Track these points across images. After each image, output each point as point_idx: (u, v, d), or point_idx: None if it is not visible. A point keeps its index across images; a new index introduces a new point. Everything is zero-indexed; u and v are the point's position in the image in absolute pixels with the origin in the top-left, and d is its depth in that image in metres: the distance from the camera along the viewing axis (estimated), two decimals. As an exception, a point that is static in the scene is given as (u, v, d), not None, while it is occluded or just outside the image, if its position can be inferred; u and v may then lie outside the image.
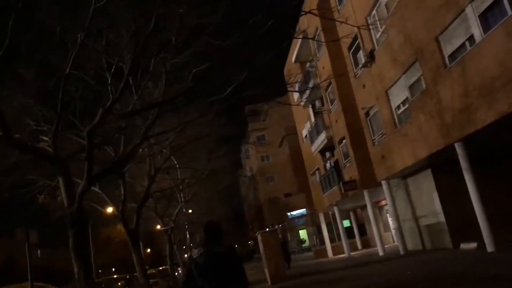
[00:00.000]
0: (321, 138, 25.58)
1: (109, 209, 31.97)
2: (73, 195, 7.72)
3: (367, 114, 19.46)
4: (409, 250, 18.62)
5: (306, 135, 31.80)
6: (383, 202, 29.85)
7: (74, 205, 7.86)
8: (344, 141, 23.39)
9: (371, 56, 17.43)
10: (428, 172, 16.78)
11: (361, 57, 18.02)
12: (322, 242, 44.52)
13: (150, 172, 14.37)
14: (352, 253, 27.25)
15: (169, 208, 21.07)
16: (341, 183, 22.10)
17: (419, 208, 18.33)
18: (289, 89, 34.00)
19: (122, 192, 12.97)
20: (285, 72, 34.65)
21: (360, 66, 18.56)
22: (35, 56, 9.53)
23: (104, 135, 9.60)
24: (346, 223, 38.97)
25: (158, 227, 22.35)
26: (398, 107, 16.45)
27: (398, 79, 15.75)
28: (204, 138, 17.32)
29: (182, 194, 21.23)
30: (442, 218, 16.34)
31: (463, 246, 14.83)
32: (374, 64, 17.49)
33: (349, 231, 35.51)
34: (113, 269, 63.44)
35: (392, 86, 16.38)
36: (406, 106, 15.64)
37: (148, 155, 14.05)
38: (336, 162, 25.47)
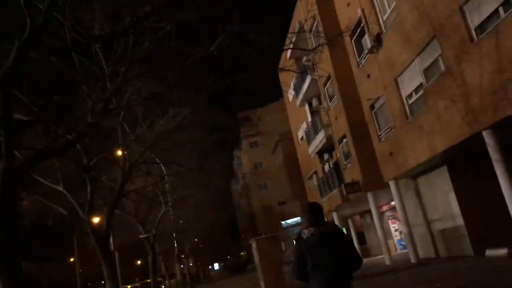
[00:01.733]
0: (320, 138, 23.65)
1: (96, 219, 30.04)
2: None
3: (372, 107, 17.56)
4: (421, 258, 16.62)
5: (302, 137, 29.86)
6: (385, 208, 27.97)
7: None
8: (345, 139, 21.47)
9: (377, 40, 15.59)
10: (443, 169, 14.88)
11: (366, 42, 16.17)
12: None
13: (124, 167, 12.20)
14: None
15: (151, 213, 18.85)
16: (342, 185, 20.12)
17: (432, 211, 16.38)
18: (284, 88, 32.31)
19: (89, 191, 10.82)
20: (280, 70, 32.77)
21: (365, 52, 16.70)
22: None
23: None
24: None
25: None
26: (410, 95, 14.57)
27: (411, 63, 13.89)
28: (189, 128, 15.40)
29: (165, 197, 18.99)
30: (460, 221, 14.40)
31: (490, 252, 12.86)
32: (381, 49, 15.64)
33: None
34: (103, 282, 60.48)
35: (403, 72, 14.51)
36: (420, 93, 13.77)
37: (121, 145, 11.90)
38: (336, 164, 23.52)
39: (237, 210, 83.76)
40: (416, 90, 14.14)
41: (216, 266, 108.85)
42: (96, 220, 14.04)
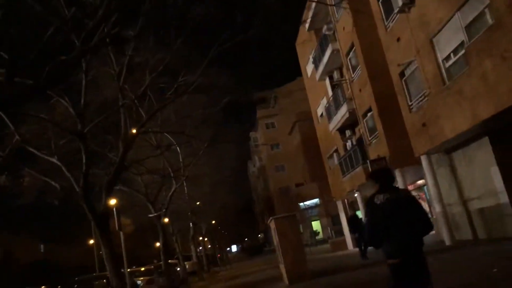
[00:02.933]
0: (342, 113, 22.09)
1: (113, 201, 29.07)
2: None
3: (402, 74, 15.90)
4: (457, 240, 15.12)
5: (322, 113, 28.31)
6: (410, 187, 26.37)
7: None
8: (369, 113, 19.90)
9: (410, -2, 13.88)
10: (484, 141, 13.25)
11: (396, 0, 14.48)
12: (338, 233, 41.30)
13: (126, 134, 10.84)
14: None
15: (162, 191, 17.63)
16: (368, 161, 18.61)
17: (469, 188, 14.78)
18: (301, 62, 30.66)
19: (84, 161, 9.53)
20: (298, 44, 31.13)
21: (395, 12, 14.99)
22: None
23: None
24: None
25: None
26: (447, 57, 12.91)
27: (449, 19, 12.21)
28: (202, 104, 14.18)
29: (177, 174, 17.64)
30: (504, 198, 12.80)
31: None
32: (413, 7, 13.93)
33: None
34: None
35: (439, 31, 12.83)
36: (461, 53, 12.11)
37: (121, 105, 10.52)
38: (360, 140, 22.01)
39: (254, 192, 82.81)
40: (455, 51, 12.49)
41: (234, 248, 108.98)
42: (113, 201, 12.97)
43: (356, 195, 25.72)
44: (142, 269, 21.22)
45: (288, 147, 57.03)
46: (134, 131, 11.16)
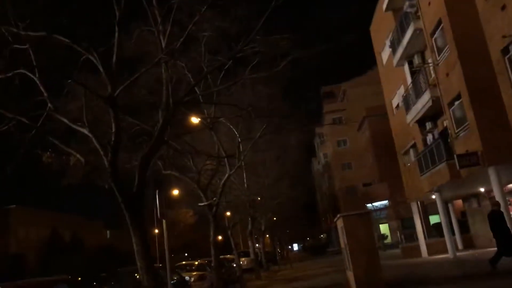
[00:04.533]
0: (423, 101, 19.35)
1: (175, 191, 28.21)
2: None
3: (505, 50, 13.11)
4: None
5: (398, 104, 25.55)
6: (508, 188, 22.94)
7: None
8: (457, 101, 17.10)
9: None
10: None
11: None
12: (408, 238, 37.96)
13: (168, 100, 9.21)
14: (458, 254, 20.87)
15: (214, 177, 16.07)
16: (455, 156, 15.86)
17: None
18: (376, 48, 27.99)
19: (113, 130, 8.04)
20: (372, 29, 28.50)
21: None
22: None
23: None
24: (435, 218, 32.59)
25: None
26: None
27: None
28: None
29: (232, 160, 15.93)
30: None
31: None
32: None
33: (438, 228, 29.25)
34: (186, 254, 60.83)
35: None
36: None
37: (162, 58, 8.84)
38: (444, 132, 19.19)
39: (318, 191, 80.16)
40: None
41: (296, 246, 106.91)
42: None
43: (434, 196, 22.84)
44: (196, 262, 19.90)
45: (356, 144, 54.09)
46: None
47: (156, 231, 60.00)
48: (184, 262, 22.42)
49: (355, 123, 49.92)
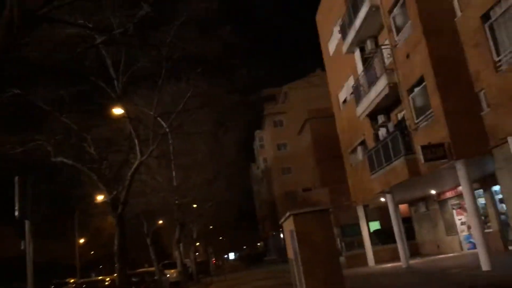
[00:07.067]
0: (378, 88, 17.06)
1: (100, 197, 24.03)
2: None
3: (485, 17, 10.92)
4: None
5: (345, 99, 23.38)
6: (448, 194, 21.35)
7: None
8: (419, 86, 14.89)
9: None
10: None
11: None
12: (348, 246, 36.10)
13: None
14: (410, 262, 18.76)
15: (123, 167, 12.29)
16: (420, 148, 13.51)
17: None
18: (322, 38, 25.79)
19: None
20: (319, 19, 26.32)
21: None
22: None
23: None
24: (374, 225, 31.05)
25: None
26: None
27: None
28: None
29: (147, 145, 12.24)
30: None
31: None
32: None
33: (380, 235, 27.58)
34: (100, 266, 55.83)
35: None
36: None
37: None
38: (401, 124, 16.99)
39: (256, 197, 77.65)
40: None
41: (232, 255, 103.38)
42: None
43: (383, 199, 20.74)
44: (107, 279, 16.05)
45: (296, 148, 52.09)
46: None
47: (82, 240, 54.35)
48: (81, 280, 18.53)
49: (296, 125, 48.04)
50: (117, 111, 13.08)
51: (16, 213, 6.91)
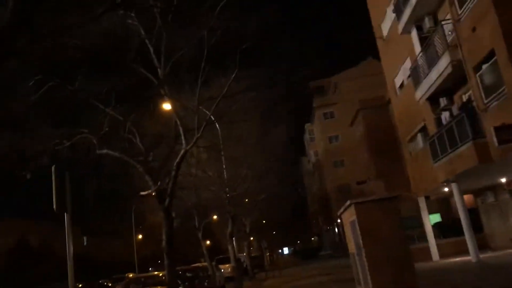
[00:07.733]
0: (440, 68, 15.66)
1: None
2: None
3: None
4: None
5: (403, 82, 21.93)
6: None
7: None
8: (488, 62, 13.43)
9: None
10: None
11: None
12: (408, 240, 34.46)
13: None
14: (481, 256, 17.19)
15: (169, 158, 11.88)
16: (493, 130, 12.13)
17: None
18: (374, 21, 24.46)
19: None
20: (370, 1, 24.97)
21: None
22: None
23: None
24: (434, 217, 29.15)
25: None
26: None
27: None
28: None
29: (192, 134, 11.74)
30: None
31: None
32: None
33: (442, 228, 25.78)
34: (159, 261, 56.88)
35: None
36: None
37: None
38: (466, 105, 15.51)
39: (308, 192, 76.47)
40: None
41: (286, 250, 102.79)
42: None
43: (447, 189, 19.26)
44: (160, 274, 15.92)
45: (349, 140, 50.48)
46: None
47: (140, 236, 55.77)
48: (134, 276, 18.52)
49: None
50: (166, 106, 12.86)
51: (54, 206, 6.56)
